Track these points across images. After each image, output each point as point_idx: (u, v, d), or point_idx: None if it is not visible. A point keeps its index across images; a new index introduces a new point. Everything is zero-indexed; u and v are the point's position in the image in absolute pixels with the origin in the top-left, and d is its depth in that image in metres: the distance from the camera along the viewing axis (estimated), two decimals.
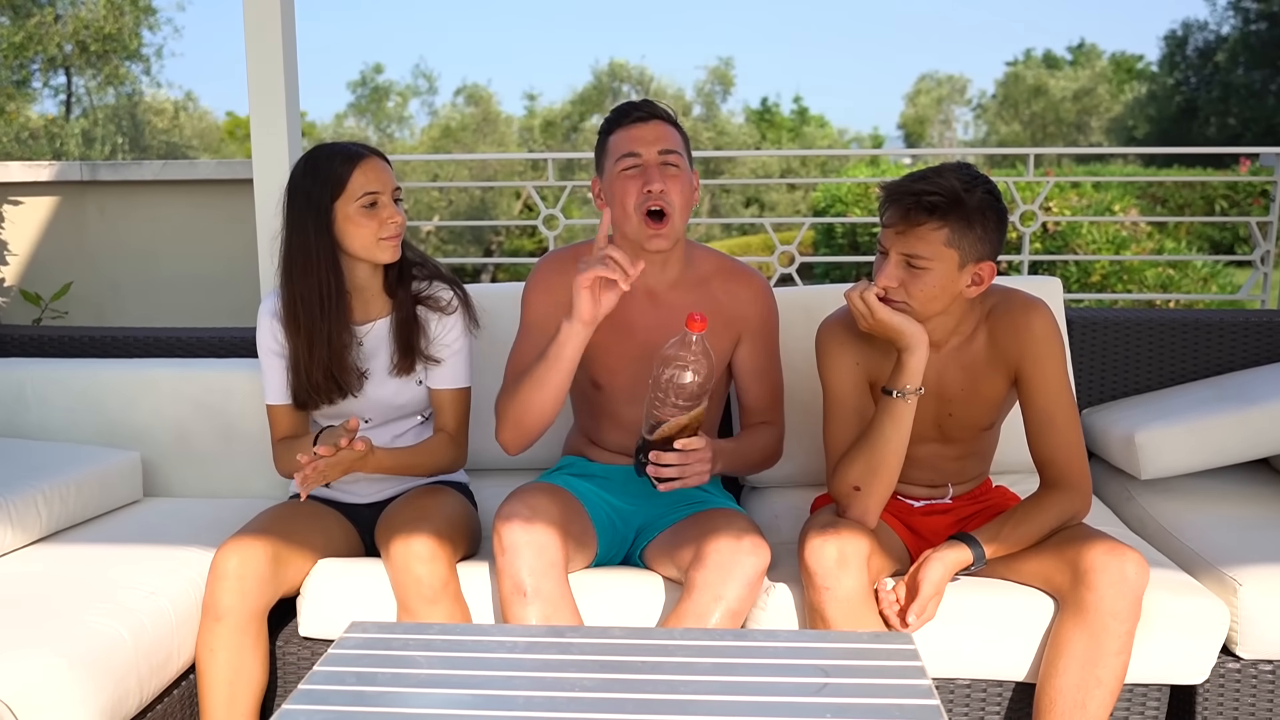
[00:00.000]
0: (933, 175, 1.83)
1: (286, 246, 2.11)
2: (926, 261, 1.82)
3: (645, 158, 1.97)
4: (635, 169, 1.98)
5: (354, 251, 2.10)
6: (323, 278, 2.09)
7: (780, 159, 20.03)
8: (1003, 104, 31.29)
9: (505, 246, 16.91)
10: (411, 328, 2.16)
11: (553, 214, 4.24)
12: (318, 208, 2.07)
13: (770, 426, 2.19)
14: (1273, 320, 2.80)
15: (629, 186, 1.97)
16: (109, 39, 17.80)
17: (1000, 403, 2.03)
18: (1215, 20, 28.13)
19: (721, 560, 1.85)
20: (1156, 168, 10.94)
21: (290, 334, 2.13)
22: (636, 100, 2.06)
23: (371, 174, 2.08)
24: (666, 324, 1.99)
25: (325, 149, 2.12)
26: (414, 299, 2.18)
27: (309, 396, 2.16)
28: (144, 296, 4.60)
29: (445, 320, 2.18)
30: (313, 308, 2.10)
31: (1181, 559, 2.16)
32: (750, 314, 2.14)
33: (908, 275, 1.84)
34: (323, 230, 2.07)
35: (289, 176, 2.14)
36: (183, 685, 2.04)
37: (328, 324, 2.11)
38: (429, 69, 36.37)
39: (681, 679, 1.44)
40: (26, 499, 2.23)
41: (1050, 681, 1.83)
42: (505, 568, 1.86)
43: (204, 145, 23.51)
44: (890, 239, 1.86)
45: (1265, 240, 3.96)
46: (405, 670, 1.46)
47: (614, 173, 2.00)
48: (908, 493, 2.12)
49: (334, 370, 2.13)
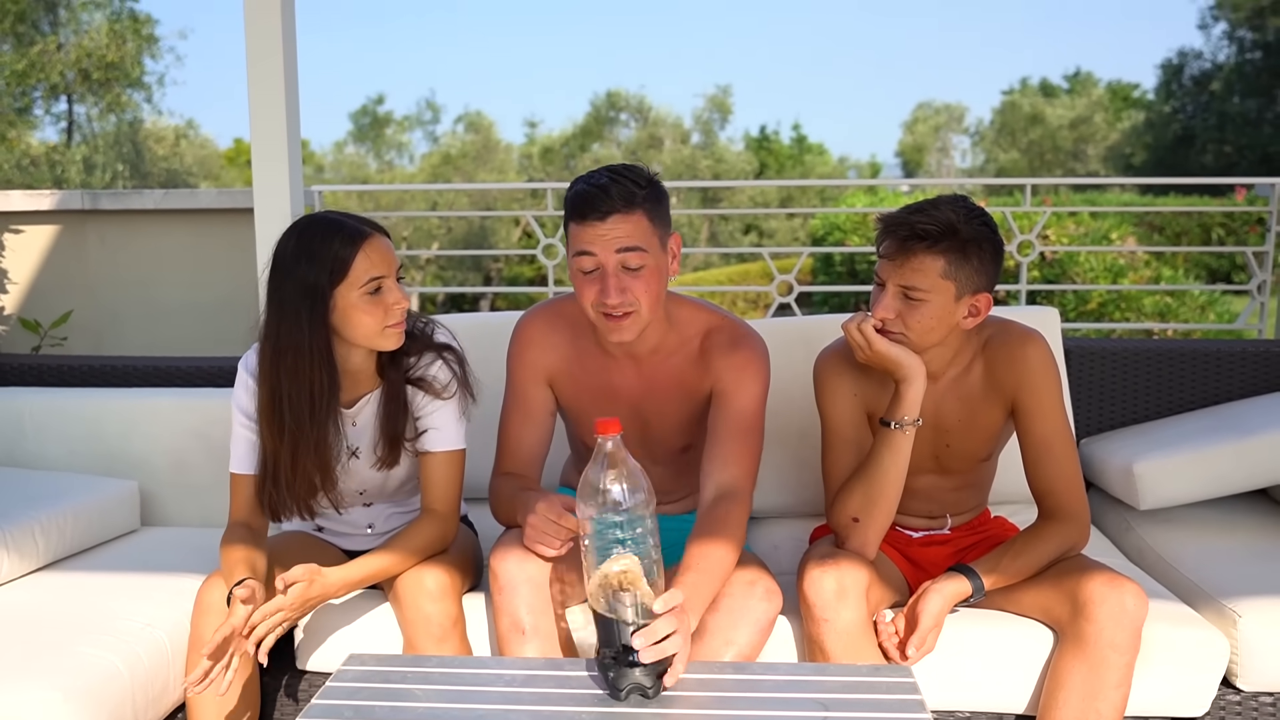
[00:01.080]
0: (929, 207, 1.84)
1: (274, 336, 1.86)
2: (923, 293, 1.83)
3: (602, 261, 1.83)
4: (594, 272, 1.85)
5: (354, 340, 1.89)
6: (316, 377, 1.86)
7: (779, 187, 20.10)
8: (1000, 132, 31.45)
9: (504, 274, 16.95)
10: (398, 416, 1.96)
11: (551, 243, 4.26)
12: (314, 294, 1.82)
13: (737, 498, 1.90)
14: (1270, 350, 2.81)
15: (585, 289, 1.87)
16: (111, 67, 17.92)
17: (997, 433, 2.03)
18: (1211, 49, 28.31)
19: (734, 605, 1.82)
20: (1153, 196, 10.98)
21: (271, 435, 1.90)
22: (596, 187, 1.83)
23: (376, 256, 1.85)
24: (650, 385, 2.01)
25: (319, 224, 1.87)
26: (405, 379, 1.97)
27: (284, 508, 1.96)
28: (143, 326, 4.60)
29: (438, 401, 1.99)
30: (301, 411, 1.87)
31: (1181, 590, 2.16)
32: (729, 371, 1.97)
33: (905, 307, 1.85)
34: (318, 321, 1.83)
35: (275, 250, 1.88)
36: (179, 718, 2.03)
37: (317, 428, 1.89)
38: (430, 97, 36.59)
39: (681, 713, 1.44)
40: (24, 528, 2.22)
41: (1050, 714, 1.83)
42: (503, 605, 1.85)
43: (204, 172, 23.60)
44: (887, 270, 1.86)
45: (1261, 270, 3.98)
46: (403, 704, 1.46)
47: (573, 266, 1.88)
48: (906, 524, 2.11)
49: (324, 480, 1.94)
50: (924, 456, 2.01)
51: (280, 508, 1.96)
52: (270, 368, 1.87)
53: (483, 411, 2.22)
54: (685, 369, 2.01)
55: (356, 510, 2.13)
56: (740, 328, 2.02)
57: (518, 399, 2.06)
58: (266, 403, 1.89)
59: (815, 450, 2.08)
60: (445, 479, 2.01)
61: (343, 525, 2.17)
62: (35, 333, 4.25)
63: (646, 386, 2.02)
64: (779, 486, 2.53)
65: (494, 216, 17.19)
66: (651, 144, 24.97)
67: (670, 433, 2.07)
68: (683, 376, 2.01)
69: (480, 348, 2.21)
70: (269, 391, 1.88)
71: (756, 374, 1.96)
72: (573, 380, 2.05)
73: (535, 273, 14.51)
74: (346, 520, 2.15)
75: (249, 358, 1.98)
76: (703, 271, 14.47)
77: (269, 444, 1.91)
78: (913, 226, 1.82)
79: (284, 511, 1.97)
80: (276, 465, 1.92)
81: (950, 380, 1.99)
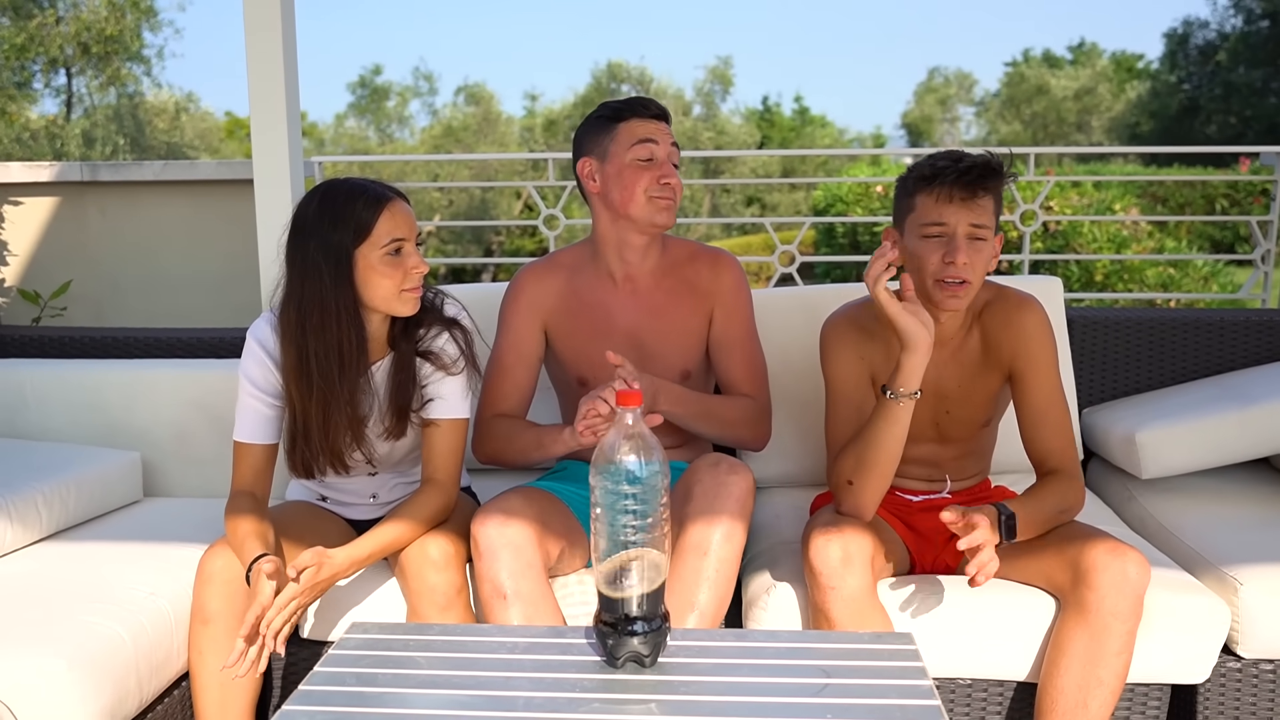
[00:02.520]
0: (961, 153, 1.87)
1: (297, 296, 1.89)
2: (986, 231, 1.84)
3: (659, 151, 2.09)
4: (649, 160, 2.08)
5: (371, 303, 1.91)
6: (344, 333, 1.88)
7: (781, 158, 20.04)
8: (1005, 103, 31.27)
9: (506, 246, 16.91)
10: (407, 386, 1.98)
11: (553, 214, 4.24)
12: (337, 254, 1.86)
13: (749, 400, 2.20)
14: (1273, 319, 2.80)
15: (642, 175, 2.07)
16: (110, 40, 17.81)
17: (995, 398, 2.03)
18: (1217, 19, 28.11)
19: (706, 490, 1.92)
20: (1157, 167, 10.94)
21: (300, 395, 1.92)
22: (639, 98, 2.13)
23: (399, 218, 1.90)
24: (645, 310, 2.18)
25: (343, 187, 1.90)
26: (415, 350, 2.00)
27: (317, 464, 1.98)
28: (144, 297, 4.60)
29: (445, 374, 2.01)
30: (330, 368, 1.89)
31: (1182, 558, 2.16)
32: (720, 288, 2.21)
33: (973, 251, 1.83)
34: (343, 279, 1.87)
35: (295, 213, 1.91)
36: (182, 686, 2.04)
37: (347, 385, 1.91)
38: (429, 69, 36.40)
39: (682, 679, 1.44)
40: (27, 499, 2.23)
41: (1052, 681, 1.83)
42: (484, 571, 1.87)
43: (204, 145, 23.49)
44: (953, 213, 1.83)
45: (1266, 239, 3.96)
46: (406, 671, 1.46)
47: (625, 159, 2.08)
48: (905, 486, 2.12)
49: (355, 437, 1.97)
50: (924, 425, 2.02)
51: (313, 463, 1.99)
52: (296, 328, 1.89)
53: None
54: (681, 292, 2.19)
55: (361, 479, 2.14)
56: (717, 251, 2.25)
57: (512, 341, 2.20)
58: (294, 363, 1.91)
59: (817, 420, 2.08)
60: (448, 448, 2.02)
61: (346, 495, 2.17)
62: (35, 304, 4.24)
63: (640, 310, 2.18)
64: (781, 455, 2.53)
65: (495, 188, 17.15)
66: None
67: (670, 358, 2.18)
68: (679, 300, 2.19)
69: (480, 318, 2.19)
70: (296, 351, 1.90)
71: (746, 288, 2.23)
72: (570, 316, 2.19)
73: (537, 245, 14.47)
74: (350, 489, 2.16)
75: (259, 327, 1.99)
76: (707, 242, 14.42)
77: (298, 403, 1.93)
78: (978, 165, 1.82)
79: (317, 467, 1.99)
80: (308, 423, 1.94)
81: (951, 348, 1.99)
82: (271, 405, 1.99)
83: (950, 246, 1.83)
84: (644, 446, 1.44)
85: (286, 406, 1.97)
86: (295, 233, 1.90)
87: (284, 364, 1.93)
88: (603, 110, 2.14)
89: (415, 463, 2.17)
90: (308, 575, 1.79)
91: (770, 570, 2.03)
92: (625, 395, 1.45)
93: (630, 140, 2.08)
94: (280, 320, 1.92)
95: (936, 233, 1.85)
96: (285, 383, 1.94)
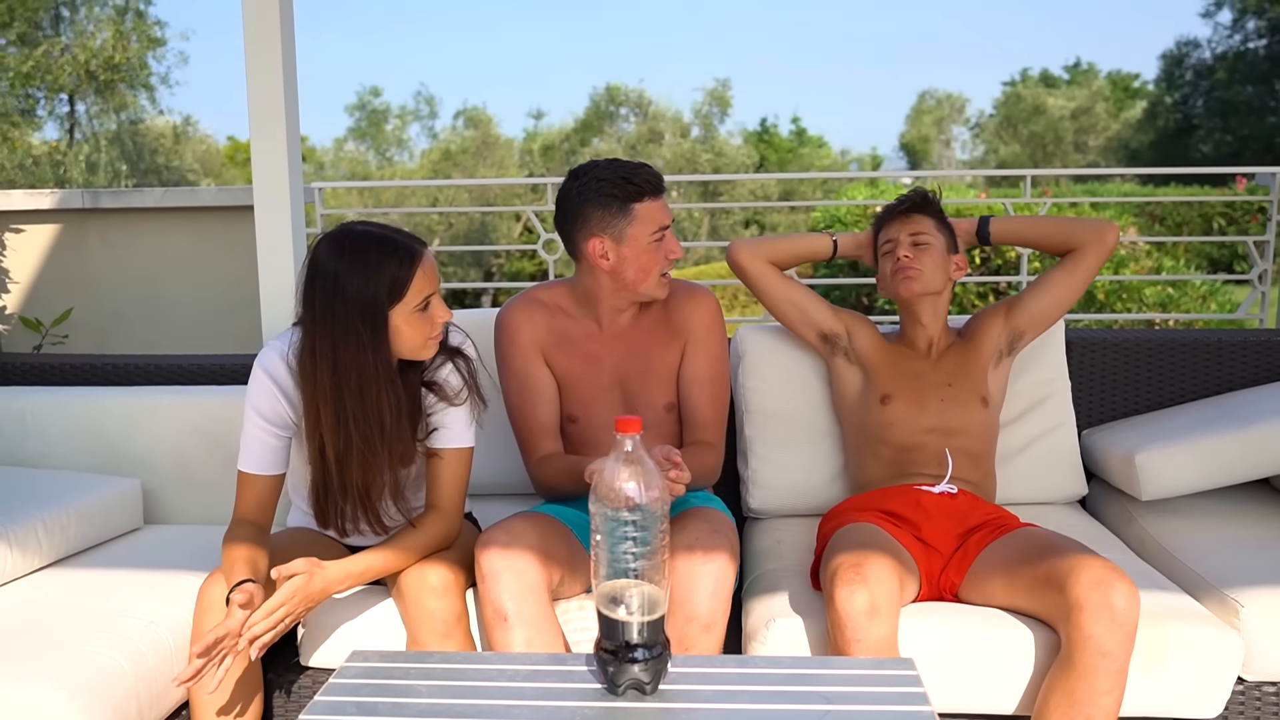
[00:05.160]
0: (906, 195, 2.42)
1: (330, 357, 1.84)
2: (928, 237, 2.34)
3: (669, 228, 2.17)
4: (660, 240, 2.15)
5: (399, 353, 1.90)
6: (384, 397, 1.86)
7: (779, 180, 20.11)
8: (1002, 124, 31.40)
9: (505, 270, 16.93)
10: (414, 417, 1.96)
11: (552, 238, 4.25)
12: (374, 316, 1.82)
13: (708, 447, 2.22)
14: (1272, 339, 2.80)
15: (656, 255, 2.15)
16: (116, 69, 17.89)
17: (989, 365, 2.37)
18: (1214, 37, 28.25)
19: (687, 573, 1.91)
20: (1154, 187, 10.98)
21: (337, 455, 1.89)
22: (647, 172, 2.13)
23: (429, 273, 1.87)
24: (627, 351, 2.23)
25: (371, 240, 1.84)
26: (420, 380, 1.98)
27: (353, 521, 1.97)
28: (145, 324, 4.61)
29: (449, 405, 2.00)
30: (372, 433, 1.87)
31: (1183, 581, 2.16)
32: (693, 323, 2.24)
33: (916, 251, 2.33)
34: (381, 341, 1.84)
35: (318, 261, 1.85)
36: (182, 715, 2.03)
37: (388, 448, 1.89)
38: (429, 93, 36.54)
39: (683, 706, 1.44)
40: (27, 527, 2.23)
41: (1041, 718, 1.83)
42: (486, 594, 1.88)
43: (205, 170, 23.60)
44: (897, 228, 2.37)
45: (1262, 259, 3.97)
46: (407, 700, 1.46)
47: (645, 242, 2.12)
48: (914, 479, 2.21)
49: (393, 494, 1.95)
50: (930, 413, 2.26)
51: (346, 522, 1.97)
52: (331, 390, 1.85)
53: (493, 414, 2.22)
54: (656, 329, 2.24)
55: None
56: (693, 286, 2.29)
57: (524, 382, 2.22)
58: (333, 423, 1.87)
59: (819, 448, 2.08)
60: (453, 477, 2.02)
61: None
62: (36, 331, 4.25)
63: (627, 353, 2.23)
64: (781, 486, 2.52)
65: (495, 212, 17.19)
66: (652, 138, 24.94)
67: (653, 393, 2.23)
68: (655, 336, 2.24)
69: (483, 344, 2.18)
70: (334, 413, 1.86)
71: (721, 326, 2.28)
72: (560, 353, 2.22)
73: (536, 268, 14.49)
74: None
75: (269, 358, 1.95)
76: (704, 265, 14.47)
77: (334, 463, 1.90)
78: (911, 198, 2.40)
79: (351, 524, 1.98)
80: (345, 481, 1.92)
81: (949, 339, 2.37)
82: (278, 437, 1.98)
83: (898, 248, 2.36)
84: (644, 474, 1.43)
85: (312, 463, 1.94)
86: (322, 286, 1.84)
87: (320, 422, 1.89)
88: (613, 190, 2.09)
89: (418, 490, 2.14)
90: (296, 582, 1.78)
91: (770, 597, 2.03)
92: (625, 422, 1.45)
93: (651, 227, 2.11)
94: (306, 373, 1.88)
95: (890, 247, 2.38)
96: (316, 439, 1.90)
